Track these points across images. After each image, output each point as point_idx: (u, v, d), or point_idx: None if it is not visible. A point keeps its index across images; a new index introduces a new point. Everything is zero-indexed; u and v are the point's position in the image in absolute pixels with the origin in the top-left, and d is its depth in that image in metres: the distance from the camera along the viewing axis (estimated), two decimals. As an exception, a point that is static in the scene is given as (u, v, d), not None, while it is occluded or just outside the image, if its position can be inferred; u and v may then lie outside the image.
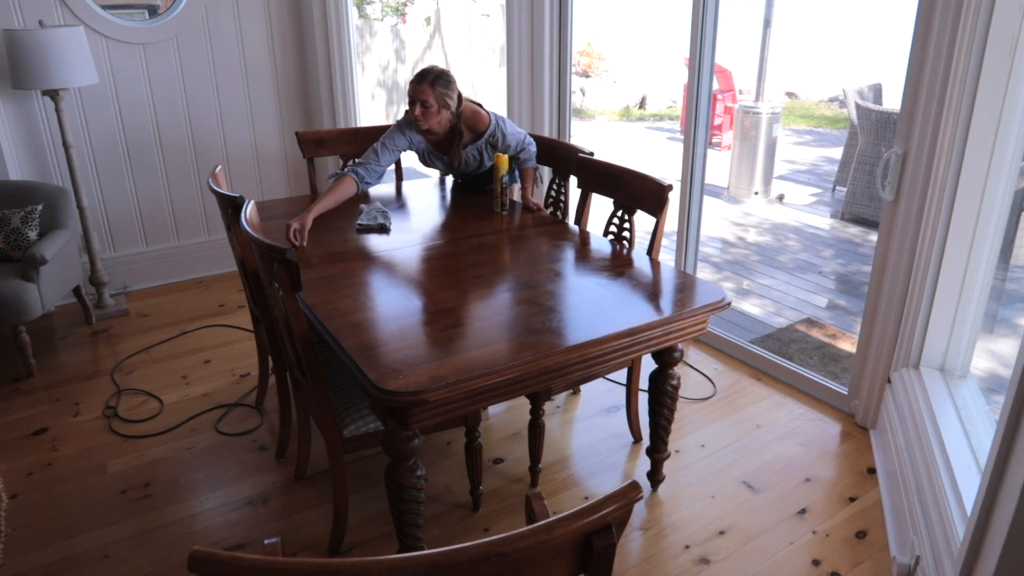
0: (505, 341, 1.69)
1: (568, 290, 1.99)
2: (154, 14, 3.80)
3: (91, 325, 3.51)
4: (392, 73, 9.79)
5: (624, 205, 2.39)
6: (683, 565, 2.02)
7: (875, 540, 2.11)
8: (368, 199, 2.86)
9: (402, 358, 1.60)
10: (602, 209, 2.63)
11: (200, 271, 4.14)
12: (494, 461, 2.47)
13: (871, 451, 2.51)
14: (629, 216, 2.38)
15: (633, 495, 0.88)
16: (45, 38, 3.06)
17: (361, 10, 10.85)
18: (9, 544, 2.10)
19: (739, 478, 2.37)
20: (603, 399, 2.84)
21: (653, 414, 2.19)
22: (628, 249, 2.34)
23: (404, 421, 1.59)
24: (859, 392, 2.64)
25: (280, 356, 2.30)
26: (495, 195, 2.66)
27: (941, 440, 1.93)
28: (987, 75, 1.98)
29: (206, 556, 0.77)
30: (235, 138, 4.04)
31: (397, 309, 1.87)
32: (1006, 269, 2.35)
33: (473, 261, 2.21)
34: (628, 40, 11.57)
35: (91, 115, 3.61)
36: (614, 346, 1.75)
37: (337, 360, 2.09)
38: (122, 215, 3.84)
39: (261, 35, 3.97)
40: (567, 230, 2.49)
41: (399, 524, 1.76)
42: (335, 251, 2.28)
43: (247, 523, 2.18)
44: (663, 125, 10.39)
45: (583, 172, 2.55)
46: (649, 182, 2.27)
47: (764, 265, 4.81)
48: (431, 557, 0.80)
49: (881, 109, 5.26)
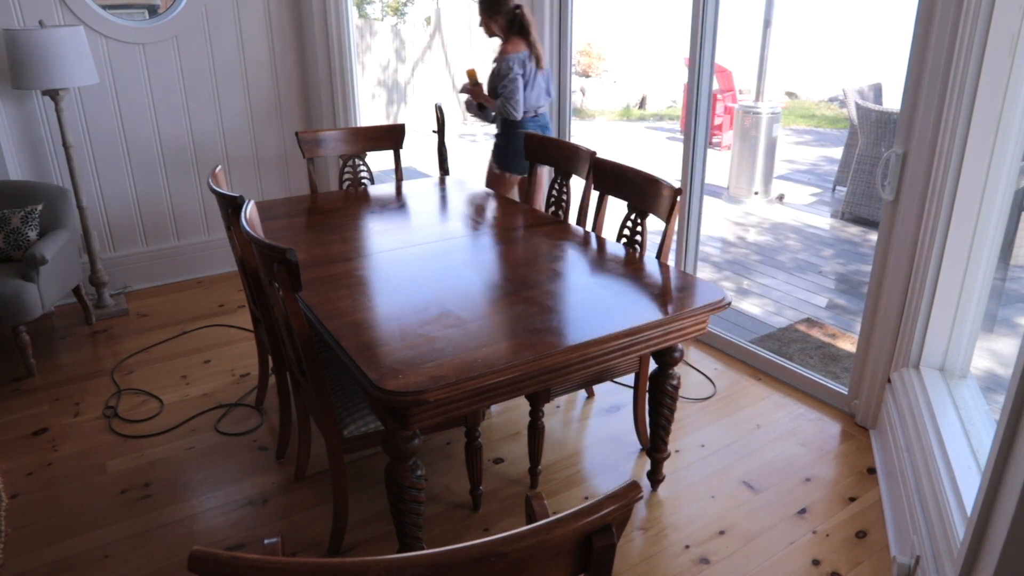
0: (505, 341, 1.69)
1: (568, 290, 1.99)
2: (154, 14, 3.80)
3: (91, 325, 3.51)
4: (392, 73, 9.79)
5: (637, 208, 2.38)
6: (683, 565, 2.02)
7: (875, 540, 2.11)
8: (368, 199, 2.86)
9: (402, 358, 1.60)
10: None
11: (200, 271, 4.14)
12: (494, 461, 2.47)
13: (871, 451, 2.51)
14: (641, 220, 2.37)
15: (633, 495, 0.88)
16: (45, 38, 3.06)
17: (361, 10, 10.85)
18: (9, 544, 2.10)
19: (739, 478, 2.37)
20: (604, 399, 2.84)
21: (653, 414, 2.19)
22: (640, 252, 2.33)
23: (404, 421, 1.59)
24: (859, 392, 2.64)
25: (280, 356, 2.30)
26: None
27: (941, 440, 1.93)
28: (987, 75, 1.98)
29: (206, 556, 0.77)
30: (235, 138, 4.04)
31: (397, 309, 1.87)
32: (1006, 269, 2.35)
33: (473, 261, 2.21)
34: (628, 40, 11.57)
35: (91, 115, 3.61)
36: (614, 346, 1.75)
37: (337, 360, 2.09)
38: (122, 215, 3.84)
39: (261, 35, 3.97)
40: (568, 229, 2.48)
41: (399, 524, 1.76)
42: (335, 251, 2.28)
43: (247, 523, 2.18)
44: (663, 125, 10.39)
45: (599, 174, 2.53)
46: (659, 185, 2.26)
47: (764, 265, 4.81)
48: (431, 557, 0.80)
49: (881, 109, 5.26)
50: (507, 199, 2.92)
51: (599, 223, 2.53)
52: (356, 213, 2.69)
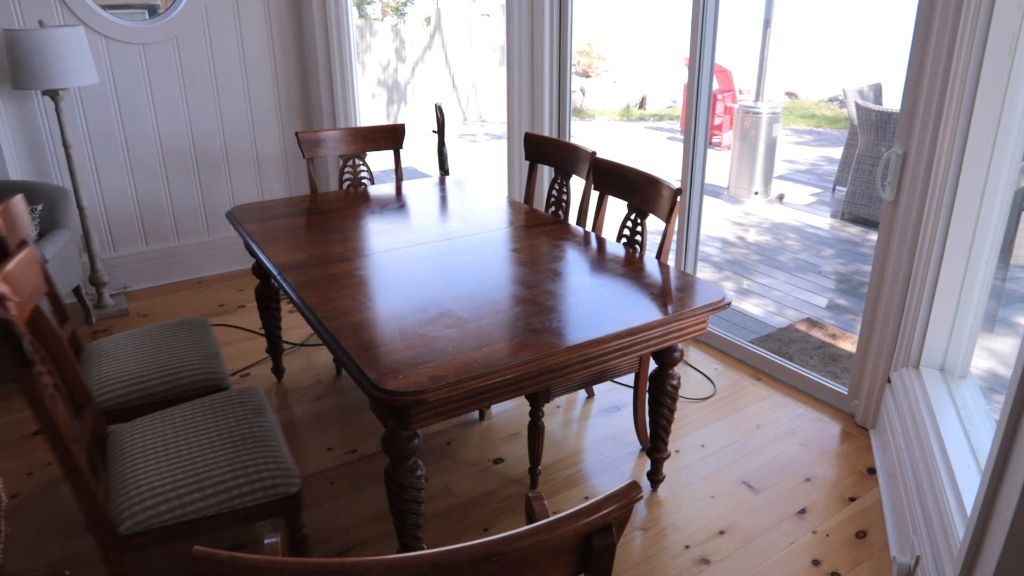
0: (505, 341, 1.69)
1: (568, 290, 1.99)
2: (154, 14, 3.80)
3: (91, 325, 3.51)
4: (392, 73, 9.79)
5: (637, 208, 2.38)
6: (683, 565, 2.02)
7: (875, 540, 2.11)
8: (368, 199, 2.86)
9: (402, 358, 1.61)
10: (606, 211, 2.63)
11: (200, 271, 4.14)
12: (494, 461, 2.47)
13: (871, 451, 2.51)
14: (642, 220, 2.37)
15: (633, 495, 0.88)
16: (45, 38, 3.06)
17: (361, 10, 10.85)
18: (9, 544, 2.10)
19: (739, 478, 2.37)
20: (604, 399, 2.84)
21: (653, 414, 2.20)
22: (640, 252, 2.33)
23: (404, 421, 1.59)
24: (859, 392, 2.64)
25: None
26: None
27: (941, 440, 1.94)
28: (987, 74, 1.98)
29: (206, 556, 0.77)
30: (235, 138, 4.04)
31: (397, 309, 1.87)
32: (1006, 268, 2.35)
33: (473, 261, 2.22)
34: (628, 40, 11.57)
35: (91, 115, 3.61)
36: (614, 346, 1.76)
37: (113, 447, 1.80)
38: (122, 215, 3.84)
39: (261, 35, 3.97)
40: (568, 229, 2.49)
41: (399, 524, 1.76)
42: (335, 251, 2.28)
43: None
44: (663, 125, 10.39)
45: (599, 174, 2.54)
46: (659, 185, 2.26)
47: (764, 265, 4.81)
48: (431, 557, 0.80)
49: (881, 109, 5.26)
50: (506, 199, 2.92)
51: (599, 223, 2.53)
52: (356, 213, 2.69)
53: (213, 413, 1.89)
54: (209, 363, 2.16)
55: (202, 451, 1.74)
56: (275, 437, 1.81)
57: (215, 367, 2.16)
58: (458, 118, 10.12)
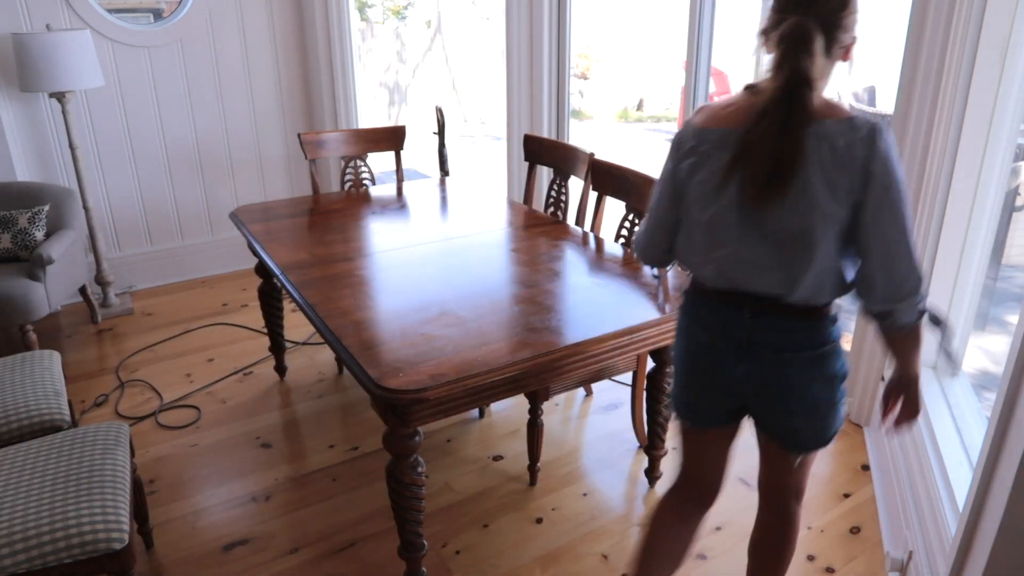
0: (505, 340, 1.72)
1: (567, 289, 2.02)
2: (159, 18, 3.84)
3: (97, 324, 3.54)
4: (393, 75, 9.82)
5: (635, 209, 2.41)
6: (680, 560, 2.04)
7: (869, 536, 2.14)
8: (370, 199, 2.90)
9: (403, 356, 1.64)
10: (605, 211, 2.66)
11: (204, 270, 4.17)
12: (493, 458, 2.50)
13: (865, 448, 2.53)
14: (639, 220, 2.39)
15: None
16: (52, 41, 3.10)
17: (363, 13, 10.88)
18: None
19: (735, 475, 2.40)
20: (602, 396, 2.87)
21: (651, 412, 2.22)
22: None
23: (405, 418, 1.62)
24: (853, 390, 2.67)
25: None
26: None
27: (934, 437, 1.96)
28: (979, 77, 2.01)
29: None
30: (238, 139, 4.08)
31: (398, 308, 1.90)
32: (998, 268, 2.37)
33: (473, 260, 2.25)
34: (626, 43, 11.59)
35: (97, 117, 3.65)
36: (613, 345, 1.78)
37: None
38: (127, 215, 3.88)
39: (264, 38, 4.00)
40: (567, 230, 2.52)
41: (400, 519, 1.79)
42: (337, 251, 2.31)
43: (250, 519, 2.21)
44: (661, 127, 10.41)
45: (597, 175, 2.56)
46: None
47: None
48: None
49: (875, 111, 5.28)
50: (506, 200, 2.95)
51: (597, 223, 2.56)
52: (358, 213, 2.72)
53: (47, 456, 1.67)
54: (47, 402, 1.92)
55: (17, 501, 1.51)
56: (114, 483, 1.58)
57: (54, 406, 1.92)
58: (458, 120, 10.15)
